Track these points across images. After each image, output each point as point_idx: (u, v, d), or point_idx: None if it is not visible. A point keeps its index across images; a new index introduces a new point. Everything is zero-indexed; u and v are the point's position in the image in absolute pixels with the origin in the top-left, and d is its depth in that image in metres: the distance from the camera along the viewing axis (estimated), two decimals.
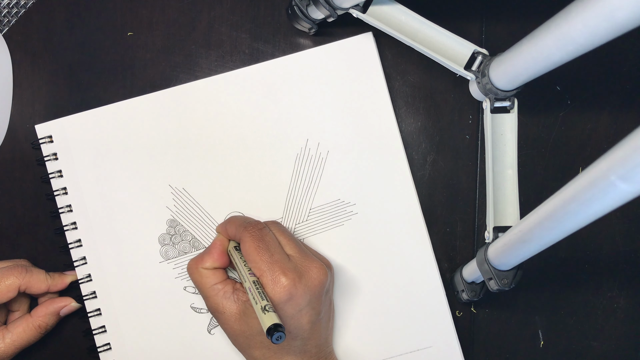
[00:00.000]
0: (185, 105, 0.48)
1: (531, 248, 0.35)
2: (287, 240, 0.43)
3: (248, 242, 0.41)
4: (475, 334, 0.49)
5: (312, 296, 0.41)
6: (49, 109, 0.49)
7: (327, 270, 0.42)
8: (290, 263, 0.41)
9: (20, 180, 0.49)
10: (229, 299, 0.41)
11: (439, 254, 0.49)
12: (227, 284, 0.42)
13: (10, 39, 0.49)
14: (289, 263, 0.41)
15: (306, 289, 0.40)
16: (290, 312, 0.40)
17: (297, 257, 0.42)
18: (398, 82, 0.49)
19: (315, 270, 0.41)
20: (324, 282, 0.41)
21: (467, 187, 0.49)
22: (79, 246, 0.47)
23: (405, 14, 0.45)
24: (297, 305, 0.40)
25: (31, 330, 0.45)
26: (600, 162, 0.26)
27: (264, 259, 0.40)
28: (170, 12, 0.49)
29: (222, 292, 0.42)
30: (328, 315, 0.44)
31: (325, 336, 0.44)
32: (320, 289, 0.41)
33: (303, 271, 0.41)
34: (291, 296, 0.39)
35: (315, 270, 0.41)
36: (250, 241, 0.41)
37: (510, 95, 0.43)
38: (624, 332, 0.50)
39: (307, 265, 0.41)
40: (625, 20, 0.28)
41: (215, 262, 0.43)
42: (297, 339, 0.41)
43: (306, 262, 0.41)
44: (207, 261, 0.43)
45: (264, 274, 0.40)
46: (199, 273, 0.43)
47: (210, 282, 0.42)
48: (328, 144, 0.48)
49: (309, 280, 0.40)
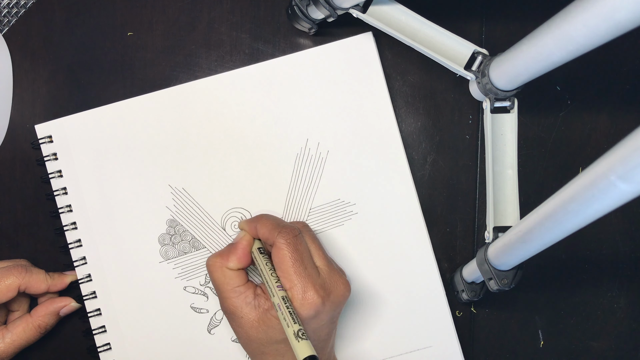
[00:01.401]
0: (185, 105, 0.48)
1: (531, 248, 0.35)
2: (317, 249, 0.42)
3: (283, 250, 0.39)
4: (475, 334, 0.49)
5: (336, 312, 0.41)
6: (49, 109, 0.49)
7: (350, 285, 0.41)
8: (320, 278, 0.40)
9: (20, 180, 0.49)
10: (249, 304, 0.40)
11: (439, 254, 0.49)
12: (248, 287, 0.41)
13: (10, 39, 0.49)
14: (319, 278, 0.40)
15: (332, 305, 0.40)
16: (313, 327, 0.39)
17: (325, 270, 0.41)
18: (398, 82, 0.49)
19: (342, 286, 0.40)
20: (347, 297, 0.41)
21: (467, 187, 0.49)
22: (79, 246, 0.47)
23: (405, 14, 0.45)
24: (320, 321, 0.39)
25: (31, 330, 0.45)
26: (600, 162, 0.26)
27: (297, 271, 0.39)
28: (170, 12, 0.49)
29: (243, 296, 0.40)
30: (336, 324, 0.44)
31: (333, 344, 0.44)
32: (343, 304, 0.41)
33: (331, 288, 0.40)
34: (318, 313, 0.39)
35: (342, 287, 0.41)
36: (285, 249, 0.39)
37: (510, 95, 0.43)
38: (624, 332, 0.50)
39: (335, 280, 0.40)
40: (625, 20, 0.28)
41: (239, 263, 0.41)
42: None
43: (334, 277, 0.41)
44: (232, 261, 0.41)
45: (295, 287, 0.38)
46: (223, 273, 0.41)
47: (233, 284, 0.41)
48: (328, 143, 0.48)
49: (336, 297, 0.40)
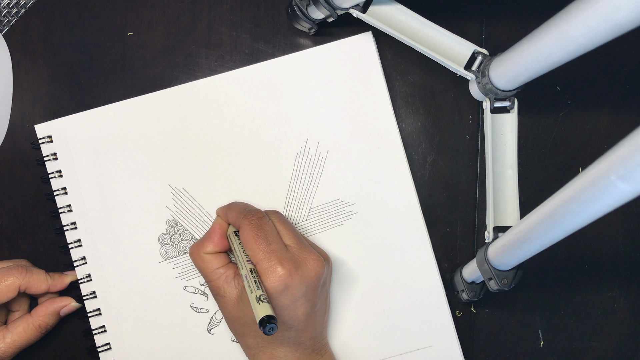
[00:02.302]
0: (185, 105, 0.48)
1: (531, 248, 0.35)
2: (286, 230, 0.43)
3: (247, 230, 0.41)
4: (475, 334, 0.49)
5: (308, 287, 0.40)
6: (49, 109, 0.49)
7: (324, 262, 0.42)
8: (287, 253, 0.41)
9: (20, 180, 0.49)
10: (229, 284, 0.42)
11: (439, 254, 0.49)
12: (228, 268, 0.43)
13: (10, 39, 0.49)
14: (286, 253, 0.40)
15: (302, 279, 0.40)
16: (285, 302, 0.40)
17: (295, 247, 0.42)
18: (398, 82, 0.49)
19: (312, 261, 0.41)
20: (321, 274, 0.41)
21: (467, 187, 0.49)
22: (79, 246, 0.47)
23: (405, 14, 0.45)
24: (292, 296, 0.40)
25: (31, 330, 0.45)
26: (600, 162, 0.26)
27: (261, 247, 0.40)
28: (170, 12, 0.49)
29: (223, 277, 0.42)
30: (324, 308, 0.44)
31: (321, 329, 0.44)
32: (316, 280, 0.41)
33: (300, 262, 0.40)
34: (287, 286, 0.39)
35: (313, 261, 0.41)
36: (249, 229, 0.41)
37: (510, 95, 0.43)
38: (624, 332, 0.50)
39: (305, 256, 0.41)
40: (625, 20, 0.28)
41: (216, 246, 0.43)
42: (291, 330, 0.41)
43: (304, 253, 0.41)
44: (208, 246, 0.43)
45: (261, 262, 0.40)
46: (201, 258, 0.43)
47: (213, 267, 0.43)
48: (328, 143, 0.48)
49: (306, 271, 0.40)
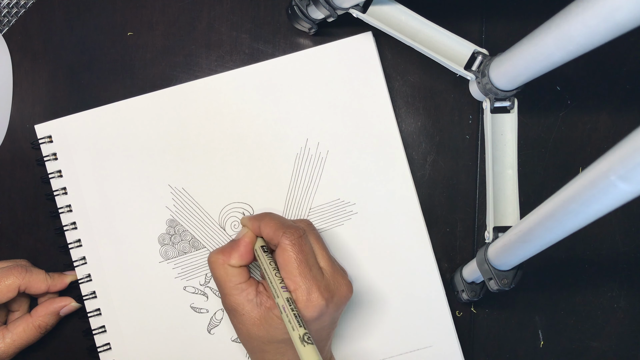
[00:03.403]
0: (185, 105, 0.48)
1: (531, 248, 0.35)
2: (321, 250, 0.41)
3: (288, 251, 0.39)
4: (475, 334, 0.49)
5: (338, 313, 0.41)
6: (49, 109, 0.49)
7: (352, 287, 0.41)
8: (324, 280, 0.39)
9: (20, 180, 0.49)
10: (251, 302, 0.40)
11: (439, 254, 0.49)
12: (250, 284, 0.40)
13: (10, 39, 0.49)
14: (323, 280, 0.39)
15: (335, 307, 0.40)
16: (315, 328, 0.39)
17: (329, 271, 0.40)
18: (398, 82, 0.49)
19: (345, 288, 0.40)
20: (349, 298, 0.41)
21: (467, 187, 0.49)
22: (79, 246, 0.47)
23: (405, 14, 0.45)
24: (323, 322, 0.39)
25: (31, 330, 0.45)
26: (600, 162, 0.26)
27: (303, 273, 0.38)
28: (170, 12, 0.49)
29: (245, 293, 0.40)
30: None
31: (331, 342, 0.44)
32: (345, 305, 0.41)
33: (335, 289, 0.40)
34: (321, 315, 0.39)
35: (345, 288, 0.40)
36: (290, 250, 0.39)
37: (510, 95, 0.43)
38: (624, 332, 0.50)
39: (339, 282, 0.40)
40: (625, 20, 0.28)
41: (242, 260, 0.41)
42: None
43: (338, 279, 0.40)
44: (234, 258, 0.41)
45: (299, 289, 0.38)
46: (225, 270, 0.41)
47: (236, 281, 0.40)
48: (328, 143, 0.48)
49: (339, 298, 0.40)
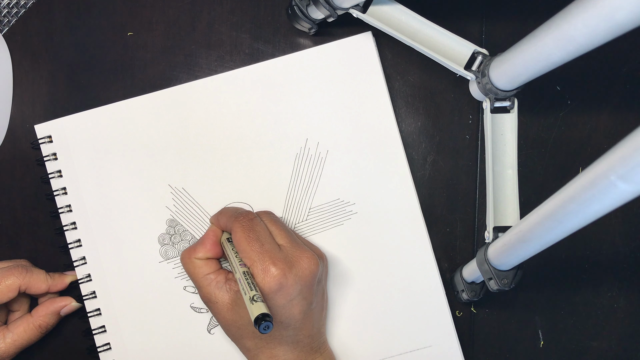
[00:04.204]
0: (185, 105, 0.48)
1: (531, 248, 0.35)
2: (279, 230, 0.43)
3: (239, 232, 0.41)
4: (475, 334, 0.49)
5: (304, 286, 0.41)
6: (49, 109, 0.49)
7: (318, 260, 0.42)
8: (280, 253, 0.41)
9: (20, 180, 0.49)
10: (221, 289, 0.42)
11: (439, 254, 0.49)
12: (219, 274, 0.43)
13: (10, 39, 0.49)
14: (280, 253, 0.41)
15: (297, 278, 0.40)
16: (281, 302, 0.40)
17: (288, 247, 0.42)
18: (398, 82, 0.49)
19: (306, 260, 0.41)
20: (315, 272, 0.41)
21: (467, 187, 0.49)
22: (79, 246, 0.47)
23: (405, 14, 0.45)
24: (287, 295, 0.40)
25: (32, 330, 0.45)
26: (600, 162, 0.26)
27: (254, 248, 0.40)
28: (170, 12, 0.49)
29: (214, 282, 0.42)
30: (321, 305, 0.44)
31: (318, 326, 0.44)
32: (311, 278, 0.41)
33: (294, 261, 0.41)
34: (281, 286, 0.39)
35: (307, 260, 0.41)
36: (240, 231, 0.41)
37: (510, 95, 0.43)
38: (624, 332, 0.50)
39: (298, 255, 0.41)
40: (625, 20, 0.28)
41: (207, 253, 0.43)
42: (288, 329, 0.41)
43: (297, 252, 0.41)
44: (200, 251, 0.43)
45: (254, 264, 0.40)
46: (192, 263, 0.43)
47: (203, 272, 0.43)
48: (327, 143, 0.48)
49: (300, 270, 0.40)
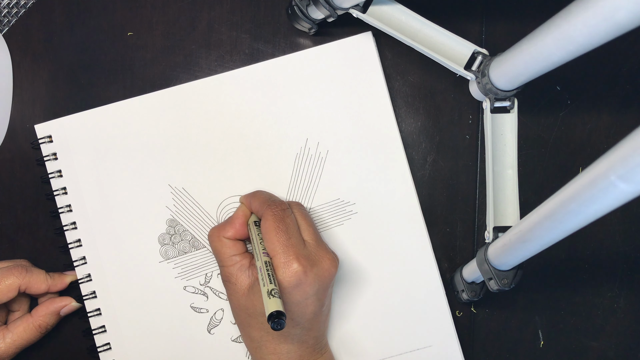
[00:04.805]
0: (185, 105, 0.48)
1: (531, 248, 0.35)
2: (307, 225, 0.43)
3: (269, 220, 0.41)
4: (475, 334, 0.49)
5: (320, 287, 0.41)
6: (49, 109, 0.49)
7: (338, 263, 0.42)
8: (305, 249, 0.41)
9: (20, 180, 0.49)
10: (243, 272, 0.42)
11: (439, 254, 0.49)
12: (245, 257, 0.43)
13: (10, 39, 0.49)
14: (304, 249, 0.41)
15: (316, 278, 0.40)
16: (296, 298, 0.40)
17: (313, 244, 0.42)
18: (398, 82, 0.49)
19: (328, 261, 0.41)
20: (334, 274, 0.42)
21: (467, 187, 0.49)
22: (79, 246, 0.47)
23: (405, 14, 0.45)
24: (304, 293, 0.40)
25: (32, 330, 0.45)
26: (600, 162, 0.26)
27: (280, 240, 0.40)
28: (170, 12, 0.49)
29: (238, 265, 0.42)
30: (328, 308, 0.45)
31: (324, 328, 0.44)
32: (329, 280, 0.41)
33: (316, 260, 0.41)
34: (300, 283, 0.39)
35: (328, 261, 0.41)
36: (271, 220, 0.41)
37: (510, 95, 0.43)
38: (624, 332, 0.50)
39: (322, 255, 0.41)
40: (625, 20, 0.28)
41: (236, 233, 0.43)
42: (297, 327, 0.41)
43: (321, 252, 0.41)
44: (229, 231, 0.43)
45: (278, 255, 0.40)
46: (221, 242, 0.43)
47: (230, 252, 0.42)
48: (328, 143, 0.48)
49: (320, 270, 0.40)
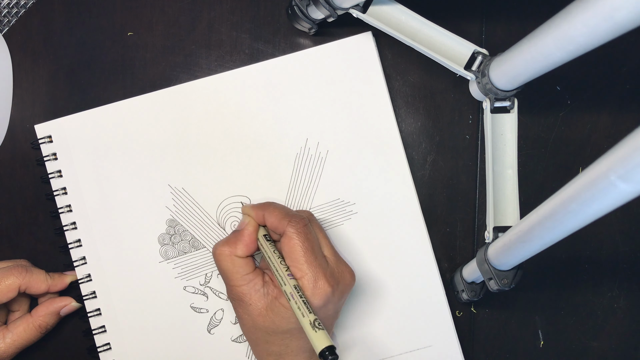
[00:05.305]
0: (185, 105, 0.48)
1: (531, 248, 0.35)
2: (324, 239, 0.42)
3: (294, 239, 0.39)
4: (475, 334, 0.49)
5: (342, 301, 0.41)
6: (49, 109, 0.49)
7: (354, 275, 0.42)
8: (329, 268, 0.40)
9: (20, 180, 0.49)
10: (258, 292, 0.40)
11: (439, 254, 0.49)
12: (257, 274, 0.41)
13: (10, 39, 0.49)
14: (328, 268, 0.40)
15: (340, 295, 0.40)
16: (321, 317, 0.39)
17: (333, 260, 0.41)
18: (398, 82, 0.49)
19: (348, 276, 0.41)
20: (353, 286, 0.41)
21: (467, 187, 0.49)
22: (79, 246, 0.47)
23: (405, 14, 0.45)
24: (328, 311, 0.40)
25: (32, 330, 0.45)
26: (600, 162, 0.26)
27: (309, 260, 0.39)
28: (170, 12, 0.49)
29: (252, 284, 0.40)
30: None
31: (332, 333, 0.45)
32: (348, 293, 0.41)
33: (339, 277, 0.40)
34: (328, 302, 0.39)
35: (349, 275, 0.41)
36: (297, 239, 0.39)
37: (510, 95, 0.43)
38: (624, 332, 0.50)
39: (342, 269, 0.41)
40: (625, 20, 0.28)
41: (247, 251, 0.41)
42: None
43: (341, 267, 0.41)
44: (240, 249, 0.41)
45: (306, 276, 0.39)
46: (232, 261, 0.40)
47: (242, 272, 0.40)
48: (328, 143, 0.48)
49: (343, 286, 0.40)
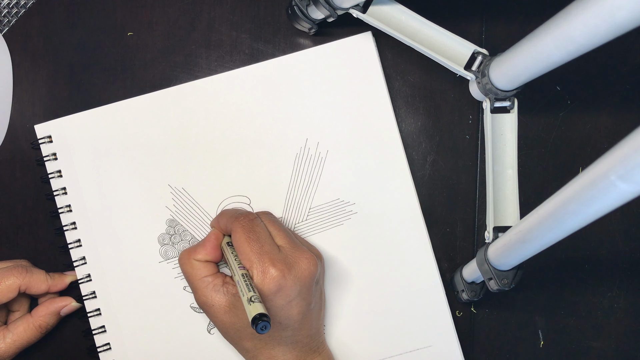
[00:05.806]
0: (185, 105, 0.48)
1: (531, 248, 0.35)
2: (278, 230, 0.43)
3: (239, 232, 0.41)
4: (475, 334, 0.49)
5: (302, 287, 0.41)
6: (49, 109, 0.49)
7: (317, 260, 0.42)
8: (280, 254, 0.41)
9: (20, 180, 0.49)
10: (218, 292, 0.42)
11: (439, 254, 0.49)
12: (217, 277, 0.43)
13: (10, 39, 0.49)
14: (279, 254, 0.41)
15: (296, 280, 0.40)
16: (279, 303, 0.40)
17: (287, 247, 0.42)
18: (398, 82, 0.49)
19: (305, 261, 0.41)
20: (314, 273, 0.42)
21: (467, 187, 0.49)
22: (79, 246, 0.47)
23: (405, 14, 0.45)
24: (286, 297, 0.40)
25: (32, 330, 0.45)
26: (600, 162, 0.26)
27: (254, 249, 0.40)
28: (170, 12, 0.49)
29: (211, 285, 0.42)
30: (319, 305, 0.44)
31: (317, 326, 0.44)
32: (310, 279, 0.41)
33: (293, 262, 0.41)
34: (280, 287, 0.39)
35: (305, 261, 0.41)
36: (241, 232, 0.41)
37: (510, 95, 0.43)
38: (624, 332, 0.50)
39: (297, 256, 0.41)
40: (625, 20, 0.28)
41: (207, 255, 0.43)
42: (287, 330, 0.41)
43: (296, 253, 0.41)
44: (200, 253, 0.43)
45: (253, 265, 0.40)
46: (191, 264, 0.43)
47: (201, 274, 0.42)
48: (327, 143, 0.48)
49: (299, 271, 0.41)
